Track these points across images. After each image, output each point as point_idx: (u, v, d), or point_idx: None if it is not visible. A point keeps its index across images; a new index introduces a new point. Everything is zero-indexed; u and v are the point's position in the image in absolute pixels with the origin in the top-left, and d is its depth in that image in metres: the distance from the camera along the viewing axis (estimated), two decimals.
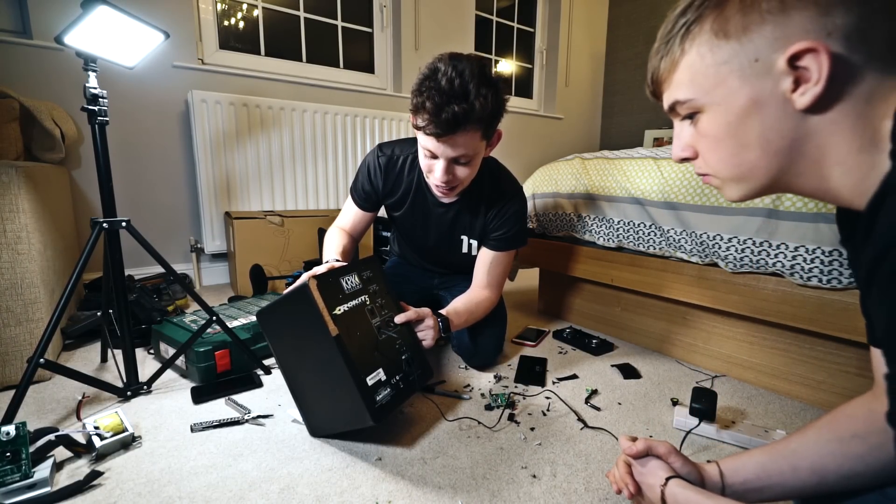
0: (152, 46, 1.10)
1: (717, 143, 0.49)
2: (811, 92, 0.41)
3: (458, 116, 0.95)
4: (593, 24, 3.72)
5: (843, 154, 0.43)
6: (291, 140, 2.28)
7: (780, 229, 1.06)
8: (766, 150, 0.46)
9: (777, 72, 0.43)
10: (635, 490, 0.66)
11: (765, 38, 0.43)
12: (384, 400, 0.86)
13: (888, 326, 0.39)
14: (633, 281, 1.42)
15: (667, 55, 0.50)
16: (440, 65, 0.97)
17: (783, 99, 0.43)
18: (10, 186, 1.09)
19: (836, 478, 0.55)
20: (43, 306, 1.15)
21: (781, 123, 0.44)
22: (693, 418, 0.97)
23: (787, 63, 0.42)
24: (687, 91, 0.49)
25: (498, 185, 1.24)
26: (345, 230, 1.27)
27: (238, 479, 0.82)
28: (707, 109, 0.49)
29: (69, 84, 1.79)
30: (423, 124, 0.99)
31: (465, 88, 0.95)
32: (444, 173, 1.05)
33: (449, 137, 0.98)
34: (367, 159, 1.25)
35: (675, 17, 0.49)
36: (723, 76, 0.46)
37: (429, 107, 0.95)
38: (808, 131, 0.43)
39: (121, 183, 1.92)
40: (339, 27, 2.58)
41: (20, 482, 0.75)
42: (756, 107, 0.45)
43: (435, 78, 0.96)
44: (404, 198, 1.25)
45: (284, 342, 0.93)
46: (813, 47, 0.40)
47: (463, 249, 1.31)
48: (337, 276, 0.90)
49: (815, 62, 0.41)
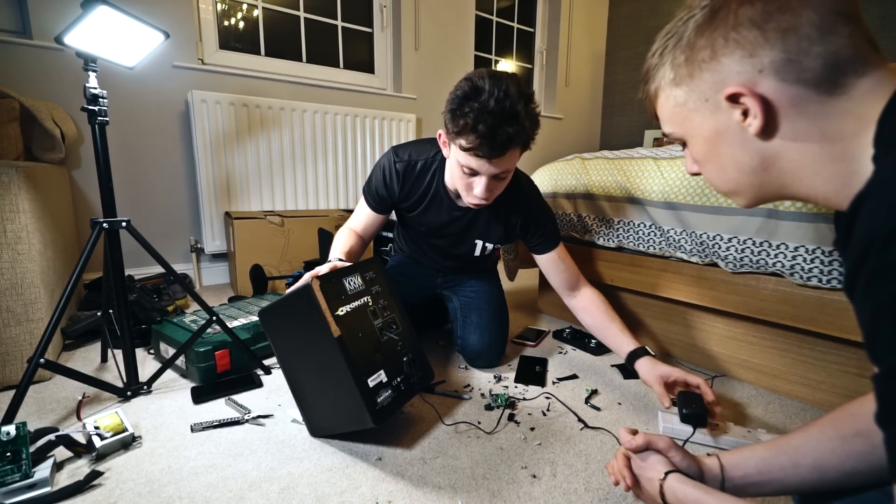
0: (152, 46, 1.10)
1: (704, 165, 0.56)
2: (754, 124, 0.46)
3: (511, 138, 0.96)
4: (593, 24, 3.72)
5: (816, 166, 0.46)
6: (291, 140, 2.28)
7: (779, 229, 1.06)
8: (742, 171, 0.51)
9: (724, 107, 0.48)
10: (633, 483, 0.67)
11: (706, 83, 0.49)
12: (385, 402, 0.86)
13: (871, 327, 0.39)
14: (633, 281, 1.42)
15: (647, 95, 0.58)
16: (482, 83, 0.95)
17: (739, 128, 0.48)
18: (11, 186, 1.09)
19: (838, 475, 0.55)
20: (43, 306, 1.15)
21: (746, 147, 0.49)
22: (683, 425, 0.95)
23: (728, 101, 0.47)
24: (668, 126, 0.57)
25: (519, 188, 1.23)
26: (355, 231, 1.26)
27: (238, 479, 0.82)
28: (687, 139, 0.56)
29: (69, 84, 1.79)
30: (470, 146, 0.97)
31: (514, 109, 0.94)
32: (485, 190, 1.04)
33: (499, 158, 0.99)
34: (382, 163, 1.22)
35: (647, 59, 0.56)
36: (685, 114, 0.53)
37: (482, 129, 0.94)
38: (774, 151, 0.47)
39: (121, 183, 1.92)
40: (339, 27, 2.58)
41: (20, 482, 0.75)
42: (720, 136, 0.51)
43: (479, 98, 0.94)
44: (420, 201, 1.24)
45: (286, 342, 0.93)
46: (739, 91, 0.46)
47: (476, 252, 1.31)
48: (340, 277, 0.90)
49: (748, 100, 0.45)
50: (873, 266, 0.37)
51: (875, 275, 0.37)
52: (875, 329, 0.38)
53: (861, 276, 0.39)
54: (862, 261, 0.38)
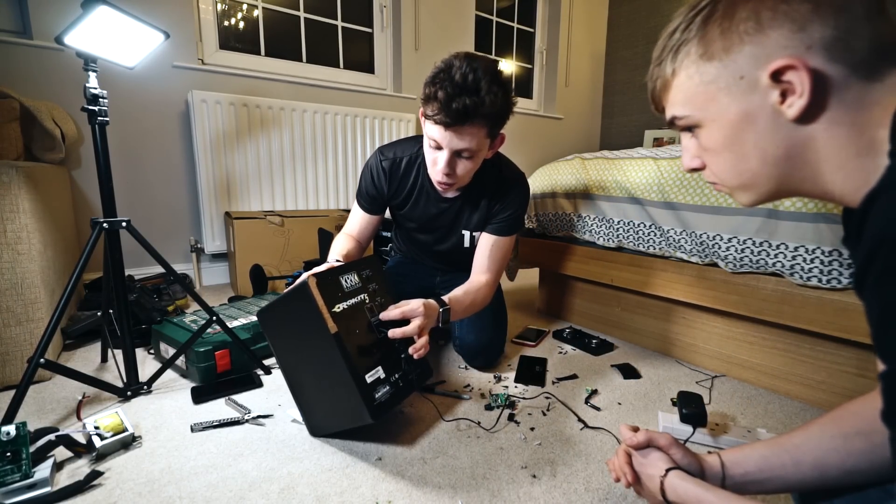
0: (152, 46, 1.10)
1: (717, 155, 0.51)
2: (797, 104, 0.42)
3: (468, 108, 0.98)
4: (593, 24, 3.72)
5: (841, 159, 0.43)
6: (291, 140, 2.28)
7: (779, 229, 1.06)
8: (764, 160, 0.47)
9: (763, 87, 0.44)
10: (633, 480, 0.66)
11: (746, 57, 0.45)
12: (383, 398, 0.86)
13: (879, 325, 0.39)
14: (633, 281, 1.42)
15: (660, 76, 0.52)
16: (455, 61, 1.00)
17: (773, 111, 0.45)
18: (11, 186, 1.09)
19: (838, 473, 0.55)
20: (43, 306, 1.15)
21: (775, 134, 0.45)
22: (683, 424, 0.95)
23: (771, 78, 0.43)
24: (682, 108, 0.51)
25: (500, 174, 1.25)
26: (351, 236, 1.28)
27: (238, 479, 0.82)
28: (704, 124, 0.50)
29: (69, 84, 1.79)
30: (432, 113, 1.02)
31: (477, 84, 0.98)
32: (446, 165, 1.07)
33: (457, 128, 1.01)
34: (369, 164, 1.27)
35: (665, 38, 0.51)
36: (712, 94, 0.48)
37: (440, 96, 0.98)
38: (803, 140, 0.44)
39: (121, 183, 1.91)
40: (339, 27, 2.58)
41: (20, 482, 0.75)
42: (748, 120, 0.46)
43: (449, 72, 0.99)
44: (408, 196, 1.27)
45: (284, 341, 0.93)
46: (791, 64, 0.42)
47: (465, 244, 1.32)
48: (336, 275, 0.90)
49: (796, 77, 0.42)
50: (883, 264, 0.37)
51: (885, 273, 0.37)
52: (883, 327, 0.38)
53: (871, 274, 0.38)
54: (872, 258, 0.38)
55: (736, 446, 0.65)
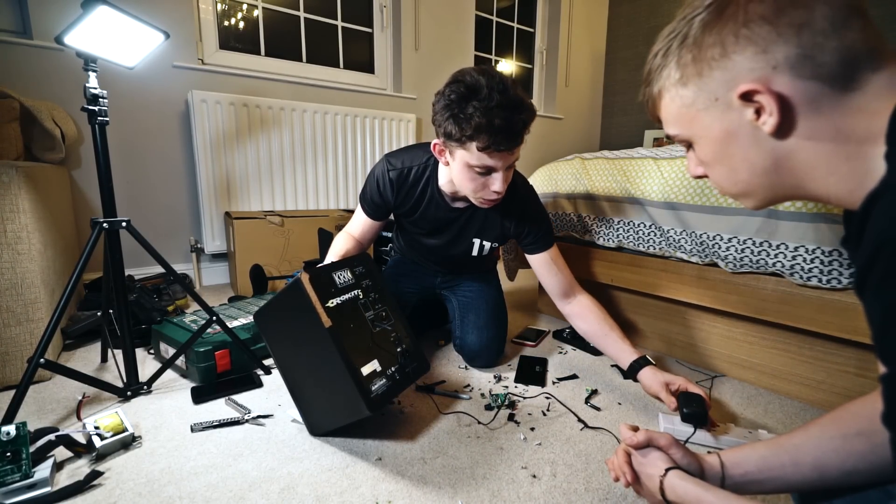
0: (152, 46, 1.10)
1: (712, 168, 0.54)
2: (770, 122, 0.45)
3: (525, 124, 0.97)
4: (593, 24, 3.72)
5: (831, 165, 0.44)
6: (291, 140, 2.28)
7: (779, 229, 1.06)
8: (754, 172, 0.49)
9: (737, 107, 0.47)
10: (632, 479, 0.67)
11: (716, 82, 0.47)
12: (380, 390, 0.87)
13: (880, 328, 0.39)
14: (633, 281, 1.42)
15: (650, 97, 0.56)
16: (474, 80, 0.95)
17: (752, 127, 0.47)
18: (11, 186, 1.09)
19: (838, 474, 0.55)
20: (43, 306, 1.15)
21: (759, 147, 0.47)
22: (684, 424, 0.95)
23: (741, 99, 0.45)
24: (673, 128, 0.55)
25: (513, 184, 1.22)
26: (353, 236, 1.27)
27: (238, 479, 0.82)
28: (694, 140, 0.54)
29: (69, 84, 1.79)
30: (487, 144, 0.96)
31: (518, 97, 0.95)
32: (504, 182, 1.04)
33: (516, 147, 1.00)
34: (376, 172, 1.22)
35: (649, 60, 0.54)
36: (693, 115, 0.51)
37: (498, 124, 0.93)
38: (787, 151, 0.46)
39: (121, 183, 1.92)
40: (339, 27, 2.58)
41: (20, 482, 0.75)
42: (731, 136, 0.49)
43: (479, 96, 0.93)
44: (416, 207, 1.24)
45: (281, 340, 0.94)
46: (754, 88, 0.44)
47: (473, 252, 1.31)
48: (329, 272, 0.92)
49: (764, 97, 0.44)
50: (885, 266, 0.37)
51: (887, 275, 0.37)
52: (885, 330, 0.38)
53: (872, 276, 0.39)
54: (874, 261, 0.38)
55: (736, 447, 0.65)
